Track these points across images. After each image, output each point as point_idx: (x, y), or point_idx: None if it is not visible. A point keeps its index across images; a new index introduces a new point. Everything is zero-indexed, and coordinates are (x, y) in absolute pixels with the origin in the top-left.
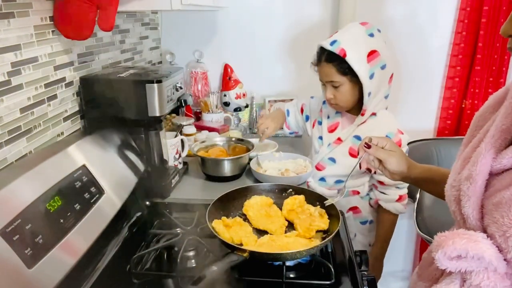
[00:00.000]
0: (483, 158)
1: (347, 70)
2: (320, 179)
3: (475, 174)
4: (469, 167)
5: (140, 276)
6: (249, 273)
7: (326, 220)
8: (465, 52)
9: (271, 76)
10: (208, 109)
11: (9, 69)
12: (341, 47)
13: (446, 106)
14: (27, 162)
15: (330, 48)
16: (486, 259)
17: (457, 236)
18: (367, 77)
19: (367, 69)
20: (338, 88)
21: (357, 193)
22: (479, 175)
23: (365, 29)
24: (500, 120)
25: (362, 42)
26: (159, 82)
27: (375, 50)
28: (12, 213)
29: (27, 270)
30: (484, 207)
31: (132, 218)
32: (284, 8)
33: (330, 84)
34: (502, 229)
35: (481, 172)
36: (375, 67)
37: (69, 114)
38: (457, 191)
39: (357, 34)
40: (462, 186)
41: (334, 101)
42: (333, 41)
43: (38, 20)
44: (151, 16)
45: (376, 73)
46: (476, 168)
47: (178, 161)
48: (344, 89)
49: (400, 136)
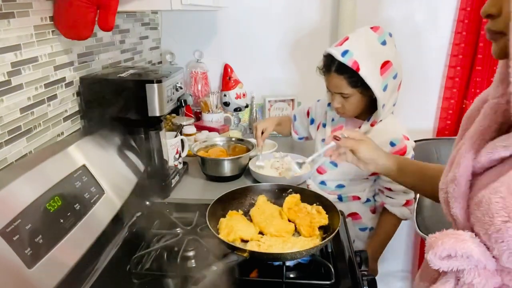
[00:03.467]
0: (465, 160)
1: (359, 83)
2: (321, 182)
3: (458, 175)
4: (453, 169)
5: (140, 276)
6: (249, 273)
7: (325, 215)
8: (465, 52)
9: (271, 76)
10: (208, 109)
11: (9, 69)
12: (354, 60)
13: (446, 106)
14: (27, 162)
15: (342, 59)
16: (474, 258)
17: (446, 236)
18: (381, 90)
19: (380, 82)
20: (347, 99)
21: (358, 198)
22: (462, 177)
23: (377, 36)
24: (478, 121)
25: (376, 53)
26: (159, 82)
27: (388, 61)
28: (12, 213)
29: (27, 270)
30: (469, 207)
31: (132, 218)
32: (284, 8)
33: (339, 94)
34: (484, 228)
35: (463, 174)
36: (388, 78)
37: (69, 114)
38: (445, 194)
39: (370, 43)
40: (448, 189)
41: (342, 110)
42: (345, 52)
43: (38, 20)
44: (151, 16)
45: (389, 84)
46: (459, 170)
47: (178, 161)
48: (354, 100)
49: (405, 143)
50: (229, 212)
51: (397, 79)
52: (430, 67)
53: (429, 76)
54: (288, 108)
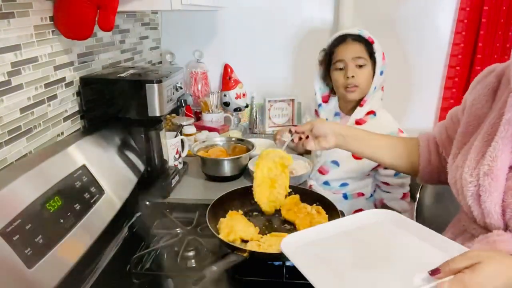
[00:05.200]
0: (502, 153)
1: (372, 55)
2: (324, 183)
3: (496, 169)
4: (487, 163)
5: (140, 276)
6: (249, 273)
7: (325, 215)
8: (464, 52)
9: (271, 76)
10: (208, 109)
11: (9, 69)
12: (369, 36)
13: (446, 106)
14: (27, 162)
15: (359, 32)
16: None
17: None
18: (379, 72)
19: (381, 64)
20: (361, 68)
21: (362, 195)
22: (500, 170)
23: None
24: (509, 112)
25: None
26: (159, 82)
27: (383, 54)
28: (12, 213)
29: (27, 270)
30: (504, 201)
31: (132, 218)
32: (284, 8)
33: (355, 62)
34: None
35: (502, 167)
36: (383, 67)
37: (69, 114)
38: (475, 187)
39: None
40: (482, 182)
41: (354, 80)
42: (360, 30)
43: (38, 20)
44: (151, 16)
45: (383, 72)
46: (496, 163)
47: (178, 161)
48: (367, 71)
49: (401, 135)
50: (229, 212)
51: (383, 76)
52: (430, 67)
53: (429, 76)
54: (288, 108)
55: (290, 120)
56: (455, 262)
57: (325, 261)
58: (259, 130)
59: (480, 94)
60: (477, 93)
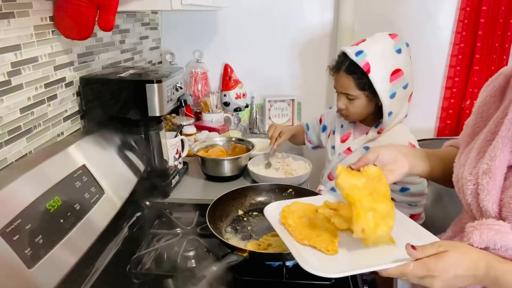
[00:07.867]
0: (501, 152)
1: (366, 86)
2: (332, 188)
3: (494, 168)
4: (486, 161)
5: (140, 276)
6: (249, 273)
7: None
8: (465, 52)
9: (271, 76)
10: (208, 109)
11: (9, 69)
12: (366, 61)
13: (446, 106)
14: (27, 162)
15: (355, 58)
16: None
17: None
18: (388, 97)
19: (388, 89)
20: (352, 101)
21: None
22: (498, 169)
23: (393, 43)
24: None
25: (389, 58)
26: (159, 82)
27: (399, 69)
28: (12, 213)
29: (27, 270)
30: (501, 200)
31: (132, 218)
32: (284, 8)
33: (345, 95)
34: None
35: (500, 166)
36: (397, 86)
37: (69, 114)
38: (474, 185)
39: (385, 49)
40: (480, 180)
41: (345, 112)
42: (359, 52)
43: (38, 20)
44: (151, 16)
45: (397, 93)
46: (495, 162)
47: (178, 161)
48: (358, 103)
49: None
50: None
51: (408, 90)
52: (431, 67)
53: (429, 76)
54: (288, 108)
55: (290, 120)
56: (426, 248)
57: None
58: (259, 130)
59: (487, 95)
60: (485, 95)
